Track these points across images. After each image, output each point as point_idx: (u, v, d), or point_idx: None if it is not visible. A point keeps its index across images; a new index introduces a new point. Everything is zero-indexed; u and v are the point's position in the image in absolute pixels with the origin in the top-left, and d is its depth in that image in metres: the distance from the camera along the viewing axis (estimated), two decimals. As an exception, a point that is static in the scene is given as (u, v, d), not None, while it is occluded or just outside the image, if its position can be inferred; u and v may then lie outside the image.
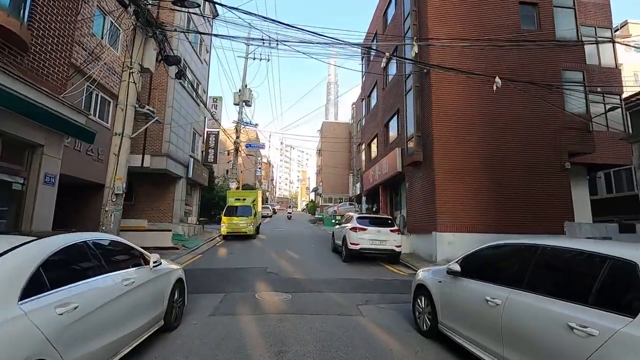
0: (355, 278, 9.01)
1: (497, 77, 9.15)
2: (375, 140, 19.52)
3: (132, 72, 7.34)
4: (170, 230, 14.47)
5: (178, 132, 17.61)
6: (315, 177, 71.45)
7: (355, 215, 11.92)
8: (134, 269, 4.04)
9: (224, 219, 18.06)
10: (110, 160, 7.16)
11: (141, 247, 4.69)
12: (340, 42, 9.17)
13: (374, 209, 17.74)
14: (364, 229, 11.05)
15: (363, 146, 22.55)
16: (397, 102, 15.32)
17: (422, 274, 5.11)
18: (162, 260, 4.89)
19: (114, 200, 6.74)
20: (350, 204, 38.52)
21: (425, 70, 11.97)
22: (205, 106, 20.94)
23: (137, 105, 7.71)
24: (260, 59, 25.54)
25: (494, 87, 9.23)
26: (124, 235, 14.62)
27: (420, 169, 12.56)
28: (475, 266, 4.06)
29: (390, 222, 11.56)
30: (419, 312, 4.94)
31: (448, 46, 11.52)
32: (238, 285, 7.92)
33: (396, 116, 15.80)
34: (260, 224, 22.43)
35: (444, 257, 10.85)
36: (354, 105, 47.59)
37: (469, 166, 11.45)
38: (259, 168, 53.52)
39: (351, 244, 11.04)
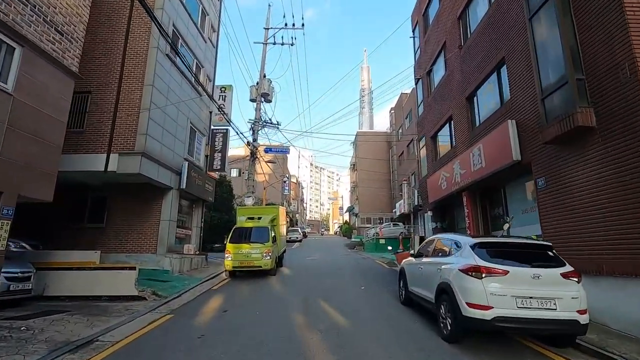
0: None
1: None
2: (447, 126, 13.38)
3: None
4: (135, 268, 8.91)
5: (165, 124, 12.44)
6: (349, 196, 65.06)
7: (469, 240, 5.67)
8: None
9: (228, 246, 12.37)
10: None
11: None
12: None
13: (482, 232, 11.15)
14: (501, 272, 4.86)
15: (422, 142, 16.43)
16: (498, 48, 9.29)
17: None
18: None
19: None
20: (394, 225, 31.92)
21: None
22: (211, 97, 15.86)
23: None
24: (282, 44, 20.49)
25: None
26: (58, 278, 7.57)
27: (586, 143, 6.29)
28: None
29: (552, 254, 5.26)
30: None
31: None
32: None
33: (495, 74, 9.70)
34: (284, 251, 16.56)
35: None
36: (392, 111, 41.66)
37: None
38: (284, 180, 48.16)
39: (471, 306, 4.85)
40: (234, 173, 42.59)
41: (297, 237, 38.11)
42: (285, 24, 20.61)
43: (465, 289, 5.01)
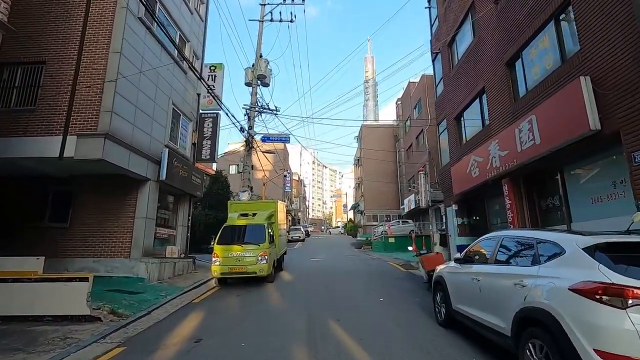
0: None
1: None
2: (476, 102, 11.22)
3: None
4: (87, 279, 6.81)
5: (139, 102, 10.34)
6: (353, 193, 62.87)
7: (579, 239, 3.51)
8: None
9: (216, 249, 10.30)
10: None
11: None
12: None
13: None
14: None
15: (442, 125, 14.27)
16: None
17: None
18: None
19: None
20: (404, 222, 29.78)
21: None
22: (199, 75, 13.72)
23: None
24: (280, 21, 18.36)
25: None
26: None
27: None
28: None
29: None
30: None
31: None
32: None
33: (552, 22, 7.52)
34: (284, 253, 14.46)
35: None
36: (398, 102, 39.44)
37: None
38: (285, 175, 45.99)
39: (606, 357, 2.71)
40: (233, 170, 40.47)
41: (299, 237, 36.51)
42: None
43: (590, 325, 2.87)
